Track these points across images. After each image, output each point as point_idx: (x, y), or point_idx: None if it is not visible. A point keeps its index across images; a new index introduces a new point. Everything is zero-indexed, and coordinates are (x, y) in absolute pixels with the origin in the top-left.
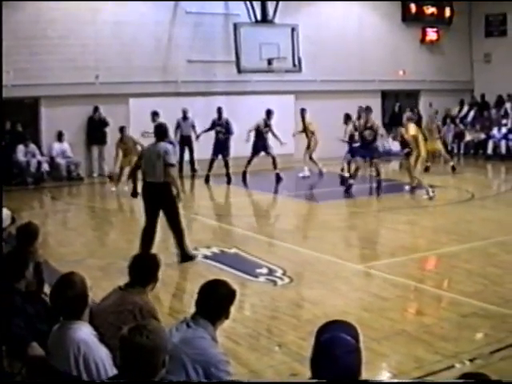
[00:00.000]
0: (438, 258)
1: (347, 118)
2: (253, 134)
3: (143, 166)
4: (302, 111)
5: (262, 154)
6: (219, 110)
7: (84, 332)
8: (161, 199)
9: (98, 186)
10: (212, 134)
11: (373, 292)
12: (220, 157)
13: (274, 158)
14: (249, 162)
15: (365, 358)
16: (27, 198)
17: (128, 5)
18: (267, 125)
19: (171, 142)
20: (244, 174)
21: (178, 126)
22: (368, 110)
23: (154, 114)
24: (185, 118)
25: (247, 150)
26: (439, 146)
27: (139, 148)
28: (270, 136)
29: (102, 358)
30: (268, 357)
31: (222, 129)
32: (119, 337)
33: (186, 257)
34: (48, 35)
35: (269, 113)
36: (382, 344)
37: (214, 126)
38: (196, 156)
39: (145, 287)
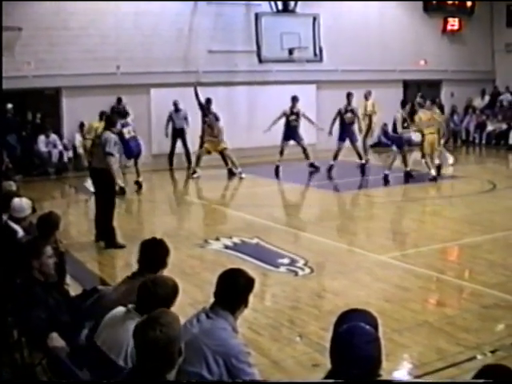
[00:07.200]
0: (460, 248)
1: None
2: (282, 123)
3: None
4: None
5: (292, 143)
6: (294, 99)
7: None
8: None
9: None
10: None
11: (395, 283)
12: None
13: (304, 149)
14: (281, 152)
15: (386, 349)
16: (49, 188)
17: None
18: (293, 112)
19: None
20: (277, 167)
21: (170, 119)
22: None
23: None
24: (177, 110)
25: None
26: None
27: None
28: (300, 125)
29: None
30: (289, 347)
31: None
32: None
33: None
34: (68, 26)
35: (293, 99)
36: (403, 335)
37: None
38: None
39: (154, 274)
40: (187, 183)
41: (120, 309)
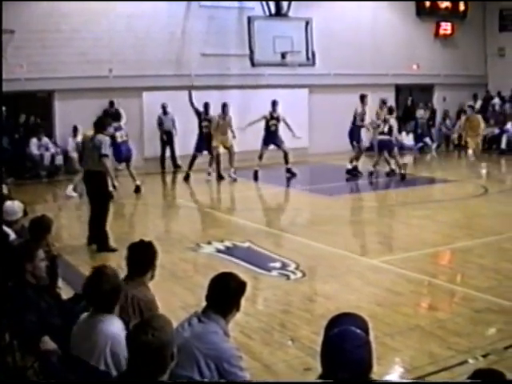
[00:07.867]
0: (452, 252)
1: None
2: (262, 127)
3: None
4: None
5: (272, 147)
6: (274, 104)
7: (116, 327)
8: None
9: None
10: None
11: (386, 287)
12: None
13: (285, 153)
14: (260, 157)
15: (378, 353)
16: (41, 191)
17: None
18: (273, 117)
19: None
20: (256, 172)
21: (160, 121)
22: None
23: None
24: (165, 112)
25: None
26: None
27: None
28: (280, 129)
29: None
30: (281, 351)
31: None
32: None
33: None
34: (61, 28)
35: (274, 104)
36: (395, 339)
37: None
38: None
39: (143, 277)
40: (179, 187)
41: (84, 315)
